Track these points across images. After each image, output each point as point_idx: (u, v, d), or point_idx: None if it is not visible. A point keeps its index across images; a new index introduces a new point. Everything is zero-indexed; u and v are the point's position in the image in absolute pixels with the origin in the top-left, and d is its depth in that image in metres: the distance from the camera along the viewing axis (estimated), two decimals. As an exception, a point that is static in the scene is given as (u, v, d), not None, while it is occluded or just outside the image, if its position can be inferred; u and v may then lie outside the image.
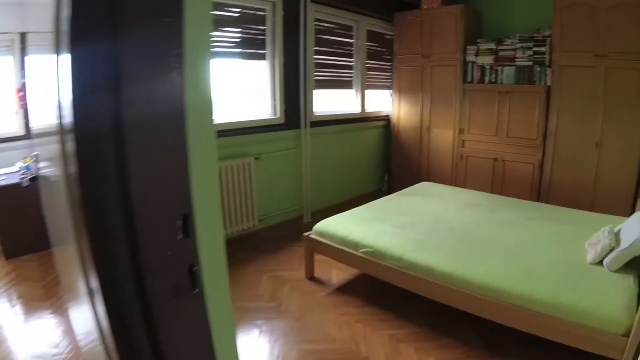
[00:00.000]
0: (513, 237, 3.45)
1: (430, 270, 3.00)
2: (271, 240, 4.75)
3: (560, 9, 4.96)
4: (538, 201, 5.31)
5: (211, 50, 1.16)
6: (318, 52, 5.48)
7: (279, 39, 4.86)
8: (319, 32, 5.45)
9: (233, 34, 4.56)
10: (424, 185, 5.18)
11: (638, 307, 2.36)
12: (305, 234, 3.84)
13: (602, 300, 2.43)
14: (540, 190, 5.40)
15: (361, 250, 3.39)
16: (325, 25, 5.59)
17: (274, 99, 5.00)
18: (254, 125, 4.76)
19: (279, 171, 5.07)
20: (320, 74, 5.59)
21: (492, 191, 5.60)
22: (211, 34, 1.18)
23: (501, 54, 5.52)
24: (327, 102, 5.92)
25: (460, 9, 5.64)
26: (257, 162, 4.69)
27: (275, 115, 5.02)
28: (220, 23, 4.40)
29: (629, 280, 2.68)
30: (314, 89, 5.41)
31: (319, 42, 5.46)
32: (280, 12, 4.81)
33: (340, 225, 3.71)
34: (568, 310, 2.45)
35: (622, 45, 4.65)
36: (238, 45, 4.63)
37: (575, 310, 2.43)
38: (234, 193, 4.48)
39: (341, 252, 3.54)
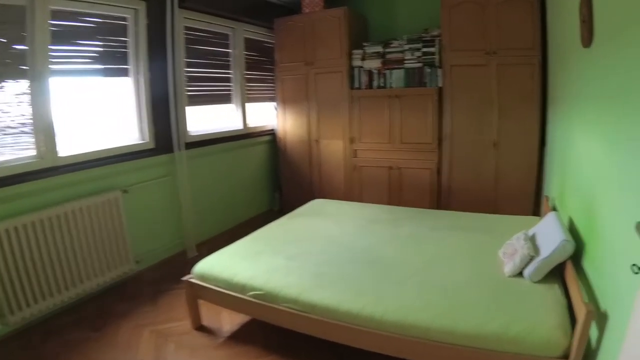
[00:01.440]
0: (422, 254, 3.31)
1: (333, 311, 2.69)
2: (152, 284, 4.27)
3: (448, 7, 5.04)
4: (439, 208, 5.34)
5: None
6: (190, 64, 5.11)
7: (143, 50, 4.44)
8: (190, 41, 5.10)
9: (90, 47, 4.06)
10: (316, 203, 4.98)
11: (573, 325, 2.25)
12: (185, 278, 3.38)
13: (533, 322, 2.30)
14: (439, 196, 5.41)
15: (249, 294, 3.01)
16: (197, 33, 5.26)
17: (140, 120, 4.55)
18: (118, 152, 4.26)
19: (152, 203, 4.61)
20: (194, 89, 5.22)
21: (390, 202, 5.56)
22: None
23: (389, 56, 5.49)
24: (204, 120, 5.55)
25: (343, 12, 5.56)
26: (126, 195, 4.19)
27: (143, 139, 4.56)
28: (75, 35, 3.90)
29: (554, 290, 2.61)
30: (187, 106, 5.03)
31: (190, 53, 5.10)
32: (143, 20, 4.38)
33: (224, 264, 3.32)
34: (497, 340, 2.28)
35: (511, 41, 4.80)
36: (97, 60, 4.13)
37: (505, 338, 2.27)
38: (100, 235, 3.94)
39: (227, 296, 3.14)
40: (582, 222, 2.82)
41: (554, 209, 3.83)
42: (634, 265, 1.30)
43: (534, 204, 5.01)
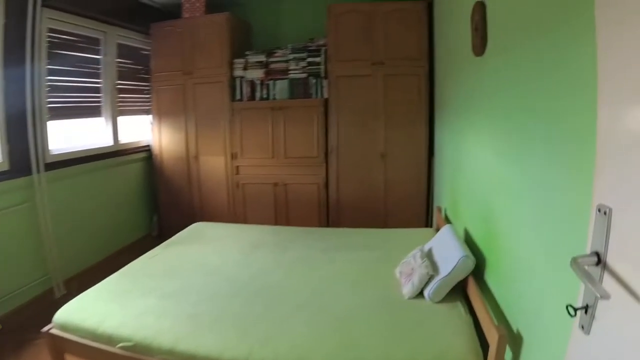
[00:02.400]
0: (312, 281, 3.18)
1: (216, 360, 2.44)
2: (14, 332, 3.74)
3: (335, 15, 5.11)
4: (328, 225, 5.38)
5: None
6: (53, 72, 4.67)
7: (-2, 55, 3.98)
8: (54, 46, 4.66)
9: None
10: (197, 227, 4.69)
11: (482, 344, 2.25)
12: (45, 329, 2.88)
13: (441, 348, 2.25)
14: (328, 211, 5.43)
15: (118, 346, 2.63)
16: (63, 37, 4.82)
17: (-8, 137, 4.07)
18: (-36, 176, 3.76)
19: (9, 235, 4.05)
20: (57, 100, 4.77)
21: (277, 221, 5.51)
22: None
23: (272, 66, 5.45)
24: (69, 136, 5.09)
25: (226, 17, 5.45)
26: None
27: (-5, 160, 4.09)
28: None
29: (458, 309, 2.62)
30: (49, 120, 4.58)
31: (54, 59, 4.66)
32: (0, 19, 3.91)
33: (88, 310, 2.89)
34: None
35: (398, 51, 4.97)
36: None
37: None
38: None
39: (94, 350, 2.70)
40: (481, 235, 2.88)
41: (447, 219, 3.98)
42: (569, 306, 1.26)
43: (425, 214, 5.19)
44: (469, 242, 3.08)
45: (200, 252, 3.93)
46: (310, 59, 5.30)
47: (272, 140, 5.44)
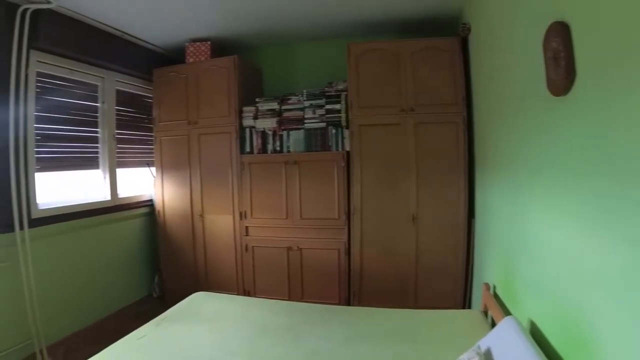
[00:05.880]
0: None
1: None
2: None
3: (355, 56, 5.03)
4: (349, 296, 5.17)
5: None
6: (42, 119, 4.66)
7: (-19, 101, 3.96)
8: (44, 91, 4.67)
9: None
10: (196, 299, 4.20)
11: None
12: None
13: None
14: (350, 282, 5.20)
15: None
16: (55, 82, 4.84)
17: (-29, 192, 4.01)
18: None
19: None
20: (47, 150, 4.75)
21: (291, 290, 5.34)
22: None
23: (286, 114, 5.39)
24: (63, 189, 5.03)
25: (234, 61, 5.47)
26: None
27: (-27, 215, 4.01)
28: None
29: None
30: (37, 172, 4.54)
31: (44, 105, 4.67)
32: None
33: None
34: None
35: (430, 96, 4.85)
36: None
37: None
38: None
39: None
40: (560, 338, 2.27)
41: (496, 298, 3.50)
42: None
43: (463, 290, 4.88)
44: (540, 341, 2.40)
45: (195, 337, 3.39)
46: (328, 106, 5.21)
47: (285, 198, 5.32)
